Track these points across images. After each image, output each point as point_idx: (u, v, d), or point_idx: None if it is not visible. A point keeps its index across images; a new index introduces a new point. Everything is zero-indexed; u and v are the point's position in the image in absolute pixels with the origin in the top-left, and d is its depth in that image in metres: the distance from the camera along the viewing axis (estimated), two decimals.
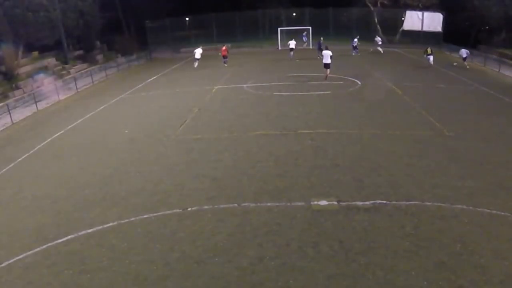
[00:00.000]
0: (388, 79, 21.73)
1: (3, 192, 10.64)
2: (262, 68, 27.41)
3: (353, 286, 6.32)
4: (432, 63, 25.58)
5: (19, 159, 12.93)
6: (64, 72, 27.86)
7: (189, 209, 9.00)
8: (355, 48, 32.19)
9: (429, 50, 25.84)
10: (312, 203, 8.89)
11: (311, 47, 37.02)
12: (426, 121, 14.43)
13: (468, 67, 25.00)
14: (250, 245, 7.53)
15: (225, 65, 28.73)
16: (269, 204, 8.99)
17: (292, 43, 31.55)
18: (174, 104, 18.82)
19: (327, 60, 21.48)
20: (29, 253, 7.70)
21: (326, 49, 22.17)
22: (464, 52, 25.27)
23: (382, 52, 32.93)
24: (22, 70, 24.66)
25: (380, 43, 33.72)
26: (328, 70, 21.71)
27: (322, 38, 31.66)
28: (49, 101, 21.60)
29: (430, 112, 15.29)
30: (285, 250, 7.32)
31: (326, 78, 21.84)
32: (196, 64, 28.73)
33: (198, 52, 28.71)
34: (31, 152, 13.55)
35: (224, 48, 29.38)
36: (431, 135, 13.02)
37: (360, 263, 6.84)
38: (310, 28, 37.63)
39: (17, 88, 22.89)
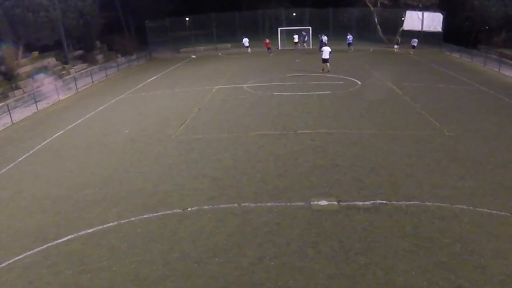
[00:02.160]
0: (388, 79, 21.73)
1: (3, 192, 10.64)
2: (262, 68, 27.40)
3: (353, 286, 6.32)
4: (396, 50, 32.89)
5: (19, 159, 12.93)
6: (64, 72, 27.85)
7: (189, 209, 9.00)
8: (350, 45, 34.75)
9: (398, 40, 33.65)
10: (312, 203, 8.89)
11: (311, 47, 37.03)
12: (426, 121, 14.43)
13: (411, 52, 31.75)
14: (250, 245, 7.53)
15: (270, 55, 33.98)
16: (269, 204, 8.99)
17: (296, 38, 37.11)
18: (174, 104, 18.82)
19: (325, 55, 23.49)
20: (29, 253, 7.71)
21: (325, 45, 25.02)
22: (415, 41, 32.24)
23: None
24: (22, 70, 24.64)
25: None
26: (328, 64, 23.40)
27: (326, 37, 33.25)
28: (49, 101, 21.61)
29: (430, 112, 15.30)
30: (285, 250, 7.32)
31: (328, 71, 23.47)
32: (249, 50, 36.10)
33: (246, 41, 36.02)
34: (31, 152, 13.55)
35: (267, 41, 34.89)
36: (431, 135, 13.02)
37: (360, 263, 6.84)
38: (310, 28, 37.64)
39: (17, 88, 22.88)
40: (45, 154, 13.34)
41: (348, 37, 34.95)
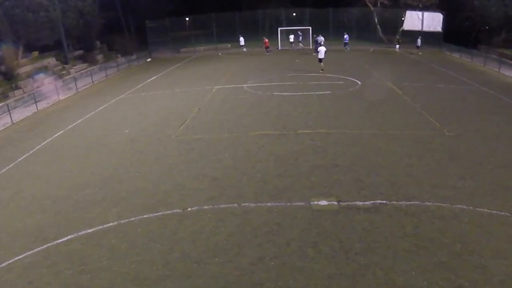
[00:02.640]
0: (388, 79, 21.73)
1: (3, 192, 10.64)
2: (262, 68, 27.40)
3: (353, 286, 6.32)
4: (397, 50, 32.81)
5: (19, 159, 12.92)
6: (64, 72, 27.86)
7: (189, 209, 9.00)
8: (346, 44, 35.39)
9: (399, 40, 33.89)
10: (312, 203, 8.89)
11: (310, 47, 37.04)
12: (426, 121, 14.43)
13: (420, 53, 32.07)
14: (250, 245, 7.53)
15: (267, 53, 34.96)
16: (269, 204, 8.99)
17: (292, 37, 37.77)
18: (174, 104, 18.82)
19: (321, 55, 24.26)
20: (29, 253, 7.71)
21: (321, 46, 25.77)
22: (419, 41, 33.15)
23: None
24: (22, 70, 24.65)
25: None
26: (321, 63, 24.32)
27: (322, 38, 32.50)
28: (49, 101, 21.60)
29: (430, 112, 15.29)
30: (285, 250, 7.32)
31: (322, 70, 24.08)
32: (244, 49, 37.21)
33: (242, 41, 37.39)
34: (31, 152, 13.55)
35: (266, 40, 35.58)
36: (431, 135, 13.02)
37: (360, 263, 6.84)
38: (310, 28, 37.64)
39: (17, 88, 22.88)
40: (45, 154, 13.34)
41: (344, 36, 35.37)
